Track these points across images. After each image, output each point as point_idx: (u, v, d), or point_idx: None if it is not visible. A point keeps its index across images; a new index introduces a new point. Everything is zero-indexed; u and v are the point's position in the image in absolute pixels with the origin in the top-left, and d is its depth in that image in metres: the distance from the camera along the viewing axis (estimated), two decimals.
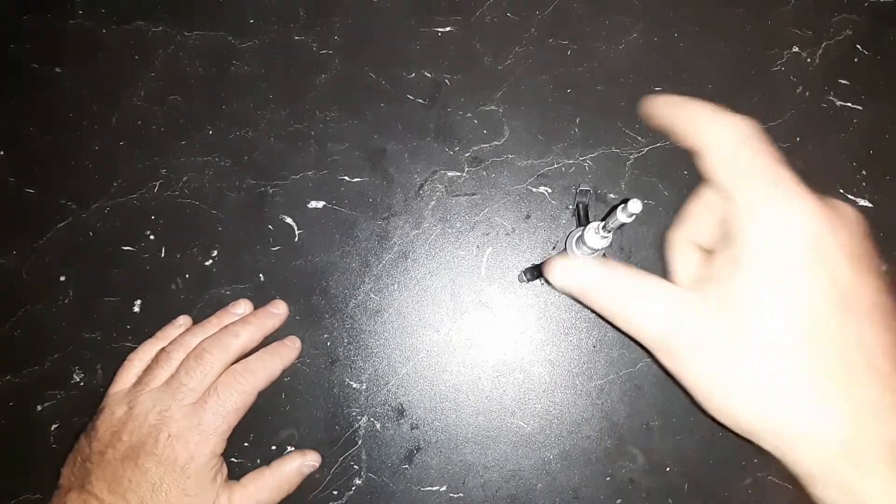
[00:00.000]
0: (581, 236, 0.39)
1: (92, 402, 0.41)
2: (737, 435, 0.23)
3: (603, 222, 0.36)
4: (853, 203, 0.45)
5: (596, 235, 0.38)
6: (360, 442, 0.43)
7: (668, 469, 0.43)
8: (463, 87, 0.46)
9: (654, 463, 0.43)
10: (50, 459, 0.41)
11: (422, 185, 0.45)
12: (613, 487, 0.43)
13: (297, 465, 0.42)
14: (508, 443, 0.44)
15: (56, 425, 0.43)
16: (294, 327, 0.44)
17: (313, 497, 0.43)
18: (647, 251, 0.44)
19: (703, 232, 0.25)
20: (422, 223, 0.45)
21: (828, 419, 0.21)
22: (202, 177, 0.45)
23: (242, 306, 0.43)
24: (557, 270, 0.25)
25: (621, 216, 0.32)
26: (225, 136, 0.46)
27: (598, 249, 0.39)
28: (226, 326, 0.42)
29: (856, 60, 0.46)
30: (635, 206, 0.30)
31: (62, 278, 0.44)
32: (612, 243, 0.40)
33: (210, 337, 0.41)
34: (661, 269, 0.26)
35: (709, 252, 0.25)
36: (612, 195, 0.42)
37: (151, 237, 0.45)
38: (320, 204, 0.45)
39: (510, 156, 0.45)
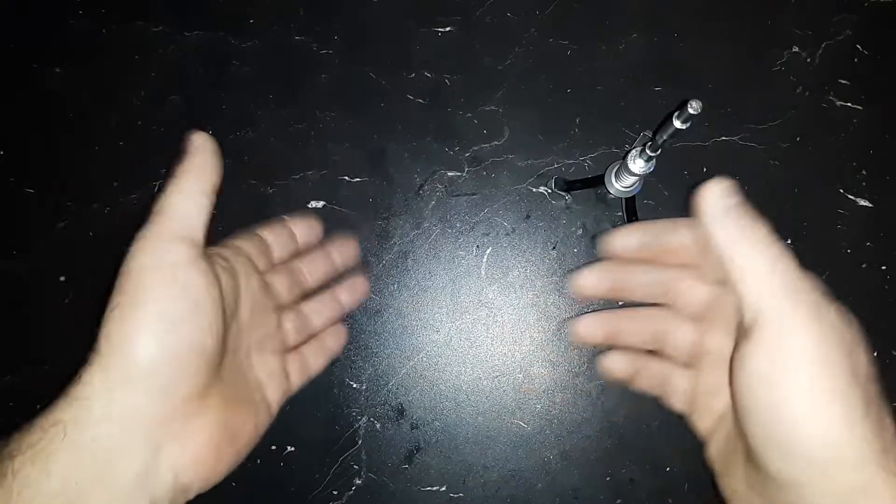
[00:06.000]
0: (623, 164, 0.36)
1: None
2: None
3: (650, 142, 0.33)
4: (853, 203, 0.45)
5: (640, 159, 0.35)
6: (360, 442, 0.43)
7: (668, 469, 0.43)
8: (463, 87, 0.46)
9: (654, 463, 0.43)
10: None
11: (422, 185, 0.45)
12: (613, 487, 0.43)
13: None
14: (508, 443, 0.44)
15: None
16: None
17: (313, 497, 0.43)
18: None
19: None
20: (422, 223, 0.45)
21: None
22: None
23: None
24: (717, 190, 0.24)
25: (677, 123, 0.29)
26: (225, 136, 0.46)
27: (639, 175, 0.36)
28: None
29: (856, 60, 0.46)
30: (696, 105, 0.27)
31: (62, 278, 0.44)
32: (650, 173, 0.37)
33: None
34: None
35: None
36: (611, 195, 0.42)
37: None
38: (320, 204, 0.45)
39: (510, 156, 0.45)
